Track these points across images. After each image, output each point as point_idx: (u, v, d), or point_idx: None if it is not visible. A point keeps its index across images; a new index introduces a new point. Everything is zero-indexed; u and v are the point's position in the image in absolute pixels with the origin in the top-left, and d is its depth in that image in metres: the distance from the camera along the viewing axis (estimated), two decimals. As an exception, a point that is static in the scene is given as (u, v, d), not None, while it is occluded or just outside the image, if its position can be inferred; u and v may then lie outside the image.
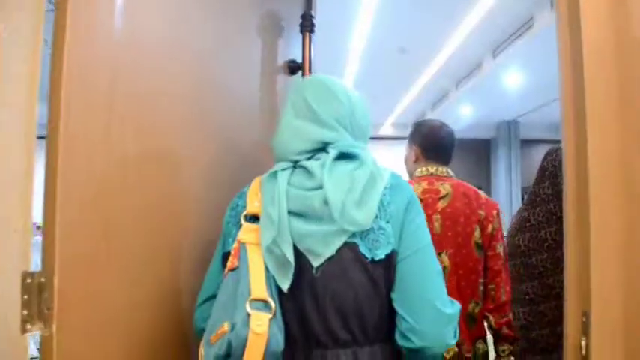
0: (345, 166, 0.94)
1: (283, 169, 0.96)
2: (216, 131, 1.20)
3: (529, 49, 4.85)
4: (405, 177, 2.00)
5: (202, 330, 0.91)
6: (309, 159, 0.97)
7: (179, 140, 1.09)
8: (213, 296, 0.94)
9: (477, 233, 1.66)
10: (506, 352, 1.68)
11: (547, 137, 10.05)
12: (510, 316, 1.67)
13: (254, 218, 0.95)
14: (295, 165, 0.97)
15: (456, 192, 1.69)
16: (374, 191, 0.91)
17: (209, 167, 1.19)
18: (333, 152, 0.94)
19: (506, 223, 1.91)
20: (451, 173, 1.80)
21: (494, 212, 1.72)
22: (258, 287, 0.86)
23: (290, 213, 0.91)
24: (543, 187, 1.72)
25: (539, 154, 2.40)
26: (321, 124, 0.98)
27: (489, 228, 1.68)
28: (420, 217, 0.97)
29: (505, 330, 1.66)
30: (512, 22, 4.68)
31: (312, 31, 1.60)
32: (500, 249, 1.71)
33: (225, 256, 0.96)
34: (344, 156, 0.96)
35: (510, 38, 4.95)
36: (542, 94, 6.94)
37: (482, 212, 1.68)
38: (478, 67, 6.06)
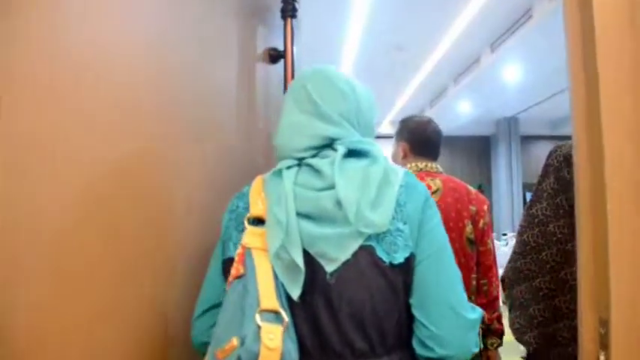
0: (357, 164, 0.89)
1: (288, 167, 0.91)
2: (187, 123, 1.08)
3: (528, 41, 4.73)
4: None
5: (203, 344, 0.86)
6: (314, 156, 0.92)
7: (142, 135, 0.94)
8: (214, 307, 0.91)
9: (469, 228, 1.66)
10: (495, 345, 1.74)
11: (547, 133, 9.99)
12: (500, 311, 1.71)
13: (258, 221, 0.89)
14: (301, 163, 0.92)
15: (447, 187, 1.69)
16: (389, 190, 0.86)
17: (183, 163, 1.07)
18: (341, 149, 0.89)
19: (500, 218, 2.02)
20: (440, 169, 1.80)
21: (485, 207, 1.74)
22: (268, 297, 0.80)
23: (299, 215, 0.85)
24: (549, 183, 1.70)
25: (539, 150, 2.45)
26: (325, 120, 0.93)
27: (481, 223, 1.70)
28: (437, 217, 0.92)
29: (496, 324, 1.73)
30: (511, 14, 4.56)
31: (293, 16, 1.48)
32: (490, 244, 1.74)
33: (226, 263, 0.90)
34: (353, 153, 0.91)
35: (509, 31, 4.83)
36: (542, 89, 6.84)
37: (473, 207, 1.69)
38: (476, 61, 5.94)
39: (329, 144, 0.92)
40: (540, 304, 1.65)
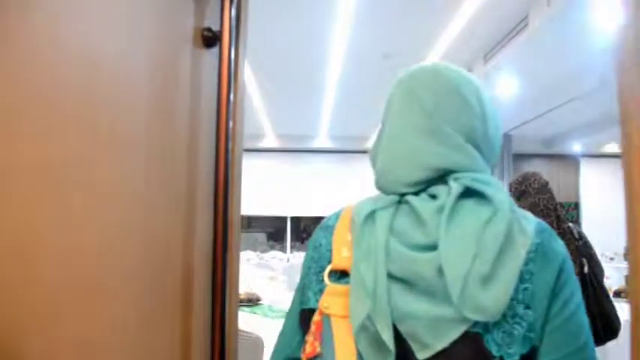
0: (473, 216, 0.67)
1: (384, 208, 0.72)
2: (81, 122, 0.72)
3: (524, 52, 4.44)
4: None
5: None
6: (419, 192, 0.73)
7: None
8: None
9: None
10: None
11: (541, 151, 9.77)
12: None
13: (342, 274, 0.74)
14: (401, 200, 0.73)
15: None
16: (512, 259, 0.64)
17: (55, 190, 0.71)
18: (455, 188, 0.69)
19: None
20: None
21: None
22: None
23: (390, 277, 0.67)
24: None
25: (532, 169, 2.38)
26: (445, 143, 0.72)
27: None
28: (576, 297, 0.68)
29: None
30: (505, 22, 4.28)
31: (234, -13, 1.14)
32: None
33: (305, 314, 0.77)
34: (470, 192, 0.69)
35: (503, 40, 4.53)
36: (538, 104, 6.60)
37: None
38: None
39: (443, 175, 0.72)
40: None
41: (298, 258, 8.17)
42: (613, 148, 9.35)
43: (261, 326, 3.40)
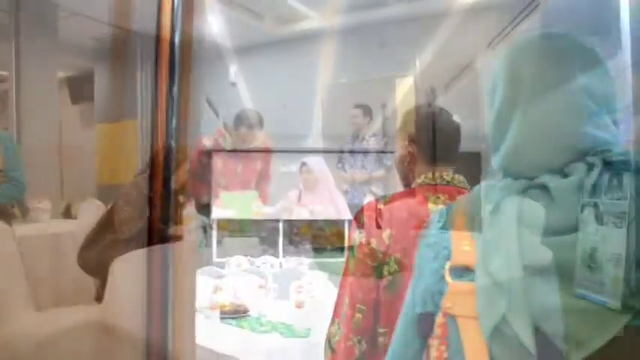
0: (620, 191, 0.59)
1: (510, 194, 0.67)
2: None
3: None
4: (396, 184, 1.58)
5: None
6: (552, 174, 0.66)
7: None
8: None
9: None
10: None
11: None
12: None
13: (463, 271, 0.69)
14: (530, 185, 0.67)
15: None
16: None
17: None
18: (597, 163, 0.62)
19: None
20: (464, 181, 1.41)
21: None
22: None
23: (525, 269, 0.62)
24: None
25: None
26: (592, 120, 0.66)
27: None
28: None
29: None
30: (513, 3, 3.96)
31: None
32: None
33: (424, 319, 0.73)
34: (612, 166, 0.61)
35: (513, 23, 4.20)
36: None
37: None
38: (470, 64, 5.34)
39: (583, 155, 0.65)
40: None
41: (291, 263, 7.82)
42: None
43: (247, 344, 3.03)
